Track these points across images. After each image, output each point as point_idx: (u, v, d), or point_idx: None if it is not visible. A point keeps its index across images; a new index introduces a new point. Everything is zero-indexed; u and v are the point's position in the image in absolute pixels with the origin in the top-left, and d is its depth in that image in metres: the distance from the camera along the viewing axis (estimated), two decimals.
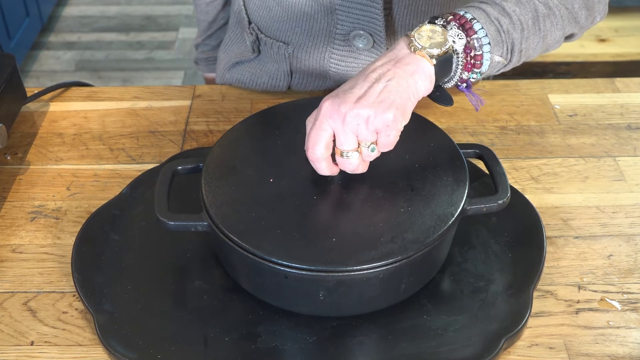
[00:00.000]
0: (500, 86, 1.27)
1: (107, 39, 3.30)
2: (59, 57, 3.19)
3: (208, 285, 0.91)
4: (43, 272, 0.95)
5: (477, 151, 0.98)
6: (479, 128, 1.18)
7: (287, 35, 1.19)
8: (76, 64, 3.14)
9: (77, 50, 3.23)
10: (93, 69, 3.11)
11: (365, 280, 0.82)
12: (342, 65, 1.18)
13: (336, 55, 1.17)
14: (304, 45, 1.18)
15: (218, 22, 1.38)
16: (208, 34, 1.39)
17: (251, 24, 1.23)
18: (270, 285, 0.86)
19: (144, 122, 1.19)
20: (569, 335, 0.87)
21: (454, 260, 0.94)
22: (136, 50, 3.23)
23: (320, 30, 1.16)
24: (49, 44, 3.26)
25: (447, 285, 0.91)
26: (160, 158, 1.12)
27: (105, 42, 3.28)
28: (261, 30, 1.22)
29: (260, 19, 1.21)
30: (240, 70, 1.28)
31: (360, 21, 1.12)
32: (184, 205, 0.91)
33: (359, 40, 1.14)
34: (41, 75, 3.08)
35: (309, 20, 1.15)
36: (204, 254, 0.95)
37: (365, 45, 1.14)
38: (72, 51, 3.22)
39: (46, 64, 3.14)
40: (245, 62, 1.27)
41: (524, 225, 0.98)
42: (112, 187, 1.07)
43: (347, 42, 1.16)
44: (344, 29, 1.14)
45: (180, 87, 1.27)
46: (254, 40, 1.23)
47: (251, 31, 1.22)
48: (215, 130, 1.17)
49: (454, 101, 0.91)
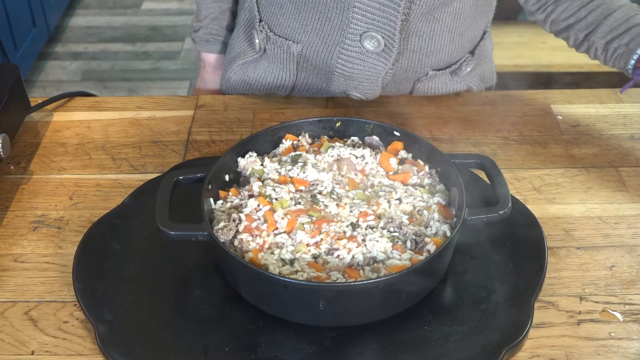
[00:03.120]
0: (503, 96, 1.27)
1: (113, 49, 3.31)
2: (65, 67, 3.20)
3: (208, 295, 0.91)
4: (44, 281, 0.96)
5: (478, 161, 0.98)
6: (481, 138, 1.18)
7: (297, 34, 1.18)
8: (82, 74, 3.16)
9: (84, 60, 3.25)
10: (99, 78, 3.13)
11: (366, 290, 0.82)
12: (348, 66, 1.18)
13: (344, 55, 1.17)
14: (313, 44, 1.18)
15: (224, 13, 1.35)
16: (211, 19, 1.36)
17: (261, 22, 1.23)
18: (271, 295, 0.86)
19: (147, 132, 1.20)
20: (570, 347, 0.87)
21: (455, 270, 0.93)
22: (142, 60, 3.24)
23: (332, 29, 1.15)
24: (56, 54, 3.28)
25: (448, 295, 0.91)
26: (162, 168, 1.12)
27: (111, 52, 3.30)
28: (271, 28, 1.21)
29: (271, 16, 1.21)
30: (244, 70, 1.28)
31: (375, 22, 1.12)
32: (186, 215, 0.91)
33: (370, 42, 1.14)
34: (47, 85, 3.09)
35: (322, 18, 1.14)
36: (204, 264, 0.95)
37: (375, 48, 1.14)
38: (78, 61, 3.24)
39: (52, 74, 3.16)
40: (251, 62, 1.27)
41: (525, 235, 0.98)
42: (114, 196, 1.08)
43: (357, 42, 1.15)
44: (358, 28, 1.13)
45: (183, 97, 1.27)
46: (263, 38, 1.23)
47: (261, 29, 1.22)
48: (217, 140, 1.18)
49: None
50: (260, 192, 0.94)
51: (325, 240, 0.88)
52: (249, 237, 0.89)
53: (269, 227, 0.90)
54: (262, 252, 0.88)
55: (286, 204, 0.92)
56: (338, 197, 0.95)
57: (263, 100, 1.26)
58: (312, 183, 0.97)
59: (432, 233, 0.90)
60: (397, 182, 0.98)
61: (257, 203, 0.92)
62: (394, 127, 1.03)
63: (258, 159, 1.01)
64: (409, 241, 0.89)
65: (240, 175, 1.01)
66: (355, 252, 0.86)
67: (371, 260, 0.87)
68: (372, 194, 0.96)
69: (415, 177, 0.98)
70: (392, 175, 0.99)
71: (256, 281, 0.85)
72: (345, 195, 0.95)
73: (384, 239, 0.88)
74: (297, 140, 1.05)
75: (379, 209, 0.92)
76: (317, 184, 0.96)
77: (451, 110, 1.24)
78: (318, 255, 0.87)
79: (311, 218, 0.90)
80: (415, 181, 0.98)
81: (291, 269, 0.86)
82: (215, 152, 1.15)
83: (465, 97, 1.27)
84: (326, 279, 0.84)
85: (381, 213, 0.92)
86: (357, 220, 0.90)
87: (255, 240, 0.89)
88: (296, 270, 0.85)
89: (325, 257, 0.87)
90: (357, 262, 0.86)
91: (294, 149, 1.03)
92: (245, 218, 0.90)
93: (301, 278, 0.84)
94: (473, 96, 1.28)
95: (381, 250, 0.87)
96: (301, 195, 0.94)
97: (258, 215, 0.91)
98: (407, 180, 0.98)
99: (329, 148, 1.02)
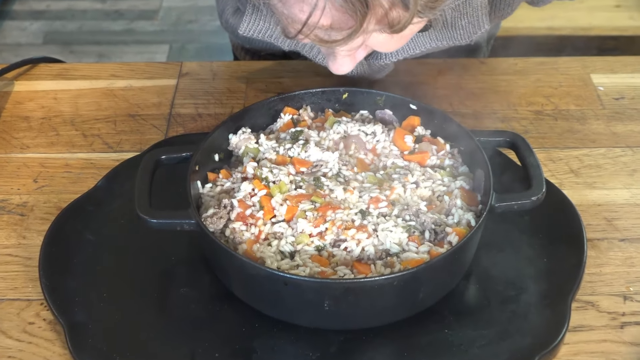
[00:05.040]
0: (535, 64, 1.27)
1: (80, 7, 3.30)
2: (24, 28, 3.20)
3: (196, 292, 0.92)
4: (6, 276, 0.96)
5: (507, 139, 0.98)
6: (510, 113, 1.18)
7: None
8: (44, 36, 3.15)
9: (46, 20, 3.24)
10: (64, 42, 3.12)
11: (378, 287, 0.83)
12: None
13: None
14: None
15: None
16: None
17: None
18: (268, 294, 0.86)
19: (123, 105, 1.20)
20: (612, 353, 0.88)
21: (480, 265, 0.94)
22: (114, 20, 3.23)
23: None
24: (13, 14, 3.27)
25: (472, 294, 0.92)
26: (141, 146, 1.13)
27: (78, 10, 3.29)
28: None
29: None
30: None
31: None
32: (169, 200, 0.92)
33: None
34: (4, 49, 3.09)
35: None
36: (191, 257, 0.95)
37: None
38: (39, 21, 3.23)
39: (10, 36, 3.15)
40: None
41: (561, 225, 0.98)
42: (86, 179, 1.08)
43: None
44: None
45: (165, 64, 1.28)
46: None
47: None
48: (205, 114, 1.18)
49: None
50: (255, 174, 0.94)
51: (331, 230, 0.88)
52: (243, 226, 0.90)
53: (266, 215, 0.90)
54: (258, 243, 0.88)
55: (285, 188, 0.92)
56: (345, 181, 0.95)
57: (257, 68, 1.26)
58: (315, 164, 0.97)
59: (454, 222, 0.90)
60: (413, 163, 0.98)
61: (251, 187, 0.92)
62: (409, 99, 1.03)
63: (252, 135, 1.01)
64: (427, 231, 0.89)
65: (232, 154, 1.02)
66: (365, 244, 0.87)
67: (384, 254, 0.87)
68: (384, 177, 0.96)
69: (435, 157, 0.99)
70: (408, 155, 0.99)
71: (251, 277, 0.85)
72: (353, 178, 0.95)
73: (398, 229, 0.88)
74: (298, 114, 1.05)
75: (392, 194, 0.92)
76: (320, 165, 0.97)
77: (475, 79, 1.24)
78: (322, 248, 0.88)
79: (314, 204, 0.90)
80: (434, 162, 0.99)
81: (291, 263, 0.86)
82: (202, 128, 1.15)
83: (492, 65, 1.27)
84: (332, 274, 0.85)
85: (395, 199, 0.92)
86: (367, 207, 0.91)
87: (249, 229, 0.89)
88: (297, 264, 0.86)
89: (331, 249, 0.88)
90: (367, 256, 0.87)
91: (294, 124, 1.04)
92: (238, 204, 0.91)
93: (303, 273, 0.84)
94: (501, 63, 1.28)
95: (395, 242, 0.87)
96: (302, 178, 0.95)
97: (253, 201, 0.91)
98: (425, 161, 0.98)
99: (334, 123, 1.02)
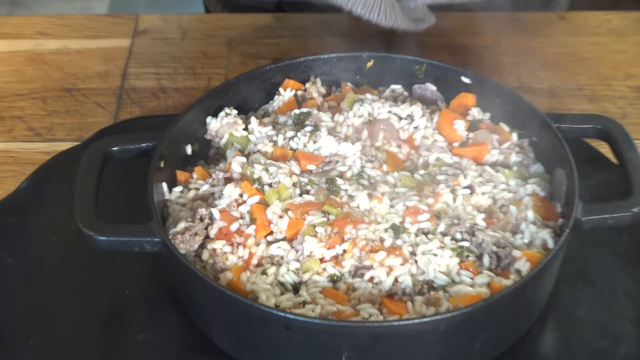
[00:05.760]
0: (633, 21, 1.27)
1: None
2: None
3: (158, 340, 0.92)
4: None
5: (598, 127, 0.98)
6: (601, 89, 1.18)
7: None
8: None
9: None
10: None
11: (417, 334, 0.83)
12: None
13: None
14: None
15: None
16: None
17: None
18: (262, 342, 0.87)
19: (55, 74, 1.21)
20: None
21: (561, 304, 0.94)
22: None
23: None
24: None
25: (550, 344, 0.92)
26: (81, 133, 1.13)
27: None
28: None
29: None
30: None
31: None
32: (123, 210, 0.92)
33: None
34: None
35: None
36: (152, 291, 0.96)
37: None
38: None
39: None
40: None
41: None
42: (4, 178, 1.08)
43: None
44: None
45: (114, 18, 1.28)
46: None
47: None
48: (170, 89, 1.18)
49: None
50: (244, 174, 0.95)
51: (351, 253, 0.88)
52: (227, 246, 0.90)
53: (259, 231, 0.91)
54: (248, 271, 0.89)
55: (286, 194, 0.93)
56: (370, 184, 0.95)
57: (244, 23, 1.26)
58: (329, 160, 0.97)
59: (524, 243, 0.91)
60: (466, 159, 0.99)
61: (238, 191, 0.93)
62: (461, 69, 1.04)
63: (239, 119, 1.01)
64: (486, 256, 0.90)
65: (211, 145, 1.02)
66: (399, 273, 0.87)
67: (425, 286, 0.88)
68: (425, 179, 0.97)
69: (496, 151, 0.99)
70: (459, 148, 1.00)
71: (237, 318, 0.86)
72: (382, 181, 0.96)
73: (445, 252, 0.88)
74: (304, 89, 1.05)
75: (437, 203, 0.93)
76: (336, 162, 0.97)
77: (550, 41, 1.25)
78: (339, 278, 0.88)
79: (327, 217, 0.91)
80: (495, 158, 0.99)
81: (295, 299, 0.87)
82: (167, 108, 1.16)
83: (575, 21, 1.27)
84: (352, 315, 0.85)
85: (441, 209, 0.93)
86: (401, 222, 0.91)
87: (236, 252, 0.90)
88: (303, 301, 0.86)
89: (351, 280, 0.88)
90: (402, 289, 0.87)
91: (299, 103, 1.04)
92: (219, 216, 0.91)
93: (312, 314, 0.84)
94: (588, 19, 1.28)
95: (442, 270, 0.88)
96: (310, 180, 0.95)
97: (240, 212, 0.92)
98: (483, 156, 0.99)
99: (355, 103, 1.03)
